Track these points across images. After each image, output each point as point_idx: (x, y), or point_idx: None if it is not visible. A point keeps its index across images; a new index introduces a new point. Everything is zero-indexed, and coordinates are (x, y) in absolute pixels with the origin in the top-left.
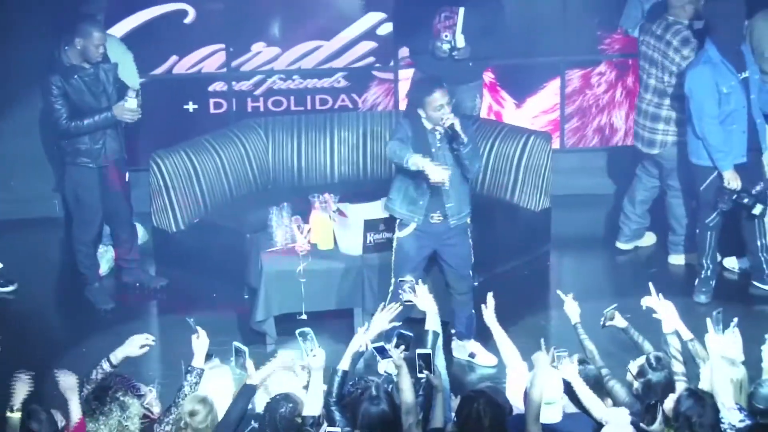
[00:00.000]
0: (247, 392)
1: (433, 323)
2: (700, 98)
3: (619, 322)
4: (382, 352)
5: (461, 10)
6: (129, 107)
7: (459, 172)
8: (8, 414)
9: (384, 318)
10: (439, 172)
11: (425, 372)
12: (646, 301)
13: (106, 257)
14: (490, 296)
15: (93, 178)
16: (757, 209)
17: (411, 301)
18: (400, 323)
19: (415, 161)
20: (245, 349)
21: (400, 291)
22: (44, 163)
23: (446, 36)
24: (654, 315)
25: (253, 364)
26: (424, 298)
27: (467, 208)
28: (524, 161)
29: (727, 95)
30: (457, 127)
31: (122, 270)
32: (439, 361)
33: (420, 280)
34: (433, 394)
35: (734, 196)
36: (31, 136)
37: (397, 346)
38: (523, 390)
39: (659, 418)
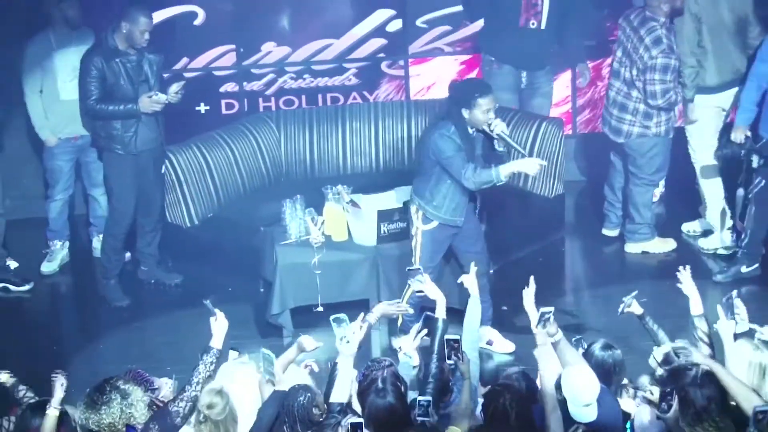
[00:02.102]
0: (276, 398)
1: (442, 311)
2: None
3: (636, 309)
4: (338, 322)
5: None
6: (155, 100)
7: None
8: (47, 412)
9: (387, 307)
10: (533, 165)
11: (455, 357)
12: (682, 279)
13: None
14: (532, 280)
15: (124, 166)
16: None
17: (422, 291)
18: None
19: (508, 172)
20: (272, 355)
21: (410, 281)
22: None
23: (533, 24)
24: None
25: (281, 370)
26: (432, 288)
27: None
28: (537, 148)
29: None
30: (505, 136)
31: (139, 263)
32: (469, 349)
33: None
34: (462, 381)
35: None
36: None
37: (421, 329)
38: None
39: (675, 406)
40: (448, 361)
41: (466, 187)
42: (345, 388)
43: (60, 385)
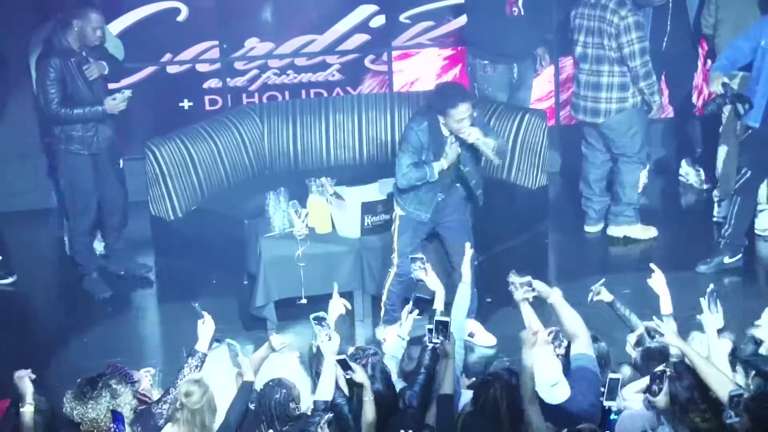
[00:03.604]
0: (245, 391)
1: (441, 303)
2: None
3: (605, 296)
4: (345, 366)
5: None
6: (121, 99)
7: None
8: (21, 409)
9: (335, 305)
10: (473, 133)
11: (441, 338)
12: (654, 278)
13: None
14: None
15: (86, 166)
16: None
17: (422, 280)
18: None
19: (439, 167)
20: (236, 345)
21: (412, 268)
22: (38, 155)
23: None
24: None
25: (247, 361)
26: (433, 278)
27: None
28: (520, 139)
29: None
30: (480, 143)
31: (109, 258)
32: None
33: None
34: (445, 361)
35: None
36: (24, 127)
37: (412, 310)
38: None
39: (665, 389)
40: (434, 340)
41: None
42: (330, 386)
43: (27, 381)
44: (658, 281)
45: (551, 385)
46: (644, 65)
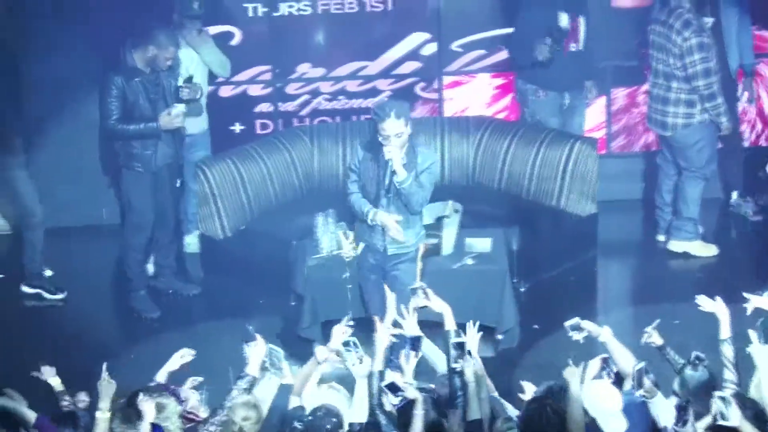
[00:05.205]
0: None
1: (451, 323)
2: None
3: (656, 339)
4: (395, 390)
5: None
6: (176, 114)
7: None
8: (98, 415)
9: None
10: (398, 234)
11: (460, 361)
12: (703, 303)
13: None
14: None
15: (144, 183)
16: None
17: (425, 306)
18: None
19: (378, 219)
20: (281, 351)
21: (413, 297)
22: (90, 172)
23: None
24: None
25: (287, 365)
26: (436, 301)
27: (413, 238)
28: (570, 166)
29: None
30: (395, 165)
31: (158, 276)
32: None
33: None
34: (467, 384)
35: None
36: (78, 144)
37: (412, 349)
38: None
39: (690, 419)
40: (454, 365)
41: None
42: (363, 408)
43: (108, 386)
44: (716, 305)
45: (611, 416)
46: (707, 87)
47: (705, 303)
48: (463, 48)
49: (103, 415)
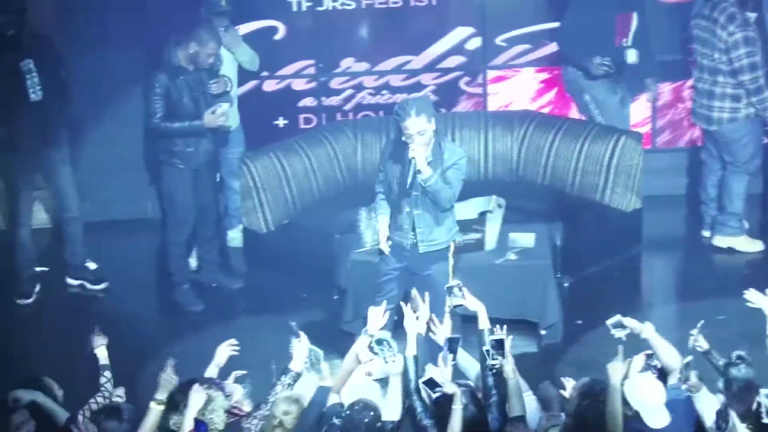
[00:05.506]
0: (321, 395)
1: (485, 322)
2: None
3: (702, 344)
4: (433, 386)
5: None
6: (220, 113)
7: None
8: (153, 405)
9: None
10: (384, 246)
11: (498, 358)
12: (752, 297)
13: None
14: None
15: (186, 180)
16: None
17: (460, 305)
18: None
19: (378, 228)
20: (320, 352)
21: (449, 296)
22: (134, 166)
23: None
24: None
25: (327, 366)
26: (471, 300)
27: (444, 236)
28: (615, 161)
29: None
30: (418, 163)
31: (201, 269)
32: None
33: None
34: (507, 381)
35: None
36: (122, 139)
37: (449, 351)
38: None
39: (731, 422)
40: (492, 362)
41: None
42: (397, 406)
43: (168, 378)
44: (765, 300)
45: (655, 410)
46: (753, 81)
47: (755, 297)
48: (508, 42)
49: (157, 407)
